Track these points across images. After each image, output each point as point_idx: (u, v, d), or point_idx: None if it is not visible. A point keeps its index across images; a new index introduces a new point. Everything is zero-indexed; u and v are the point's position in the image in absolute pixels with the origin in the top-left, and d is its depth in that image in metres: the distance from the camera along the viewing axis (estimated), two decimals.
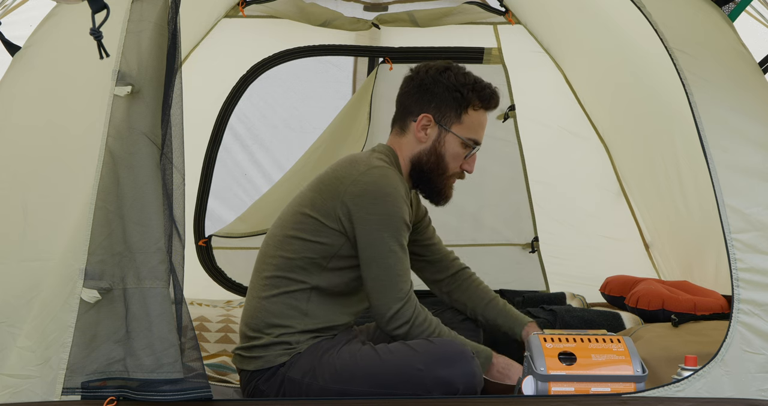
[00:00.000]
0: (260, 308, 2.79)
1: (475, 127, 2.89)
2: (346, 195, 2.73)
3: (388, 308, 2.72)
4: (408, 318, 2.73)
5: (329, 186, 2.79)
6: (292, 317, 2.76)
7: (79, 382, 2.41)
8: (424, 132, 2.87)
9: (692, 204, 3.91)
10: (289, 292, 2.77)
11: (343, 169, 2.81)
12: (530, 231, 4.67)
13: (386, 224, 2.72)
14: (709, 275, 3.74)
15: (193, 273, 4.17)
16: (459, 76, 2.87)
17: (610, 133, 4.60)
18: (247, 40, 4.47)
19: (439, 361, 2.64)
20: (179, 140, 2.49)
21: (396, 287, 2.73)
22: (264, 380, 2.74)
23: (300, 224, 2.79)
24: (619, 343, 2.58)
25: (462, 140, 2.87)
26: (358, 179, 2.74)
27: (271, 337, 2.75)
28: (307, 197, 2.83)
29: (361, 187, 2.73)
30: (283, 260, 2.79)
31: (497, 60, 4.51)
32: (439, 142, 2.87)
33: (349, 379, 2.68)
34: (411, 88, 2.90)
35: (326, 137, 4.39)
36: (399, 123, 2.93)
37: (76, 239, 2.47)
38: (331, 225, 2.75)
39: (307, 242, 2.77)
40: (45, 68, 2.71)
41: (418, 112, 2.87)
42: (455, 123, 2.86)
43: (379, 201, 2.72)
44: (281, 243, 2.81)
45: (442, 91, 2.85)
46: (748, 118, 2.70)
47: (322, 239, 2.76)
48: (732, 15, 3.04)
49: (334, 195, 2.75)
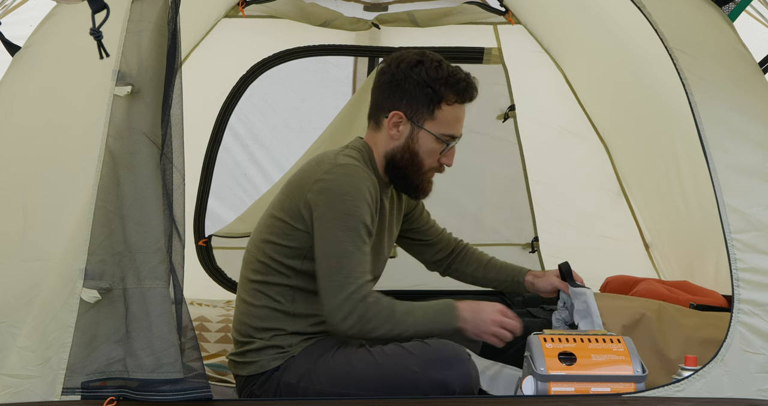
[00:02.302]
0: (247, 313, 2.77)
1: (450, 122, 2.79)
2: (309, 193, 2.68)
3: (338, 309, 2.60)
4: (357, 318, 2.60)
5: (295, 186, 2.75)
6: (280, 320, 2.74)
7: (79, 382, 2.40)
8: (396, 129, 2.79)
9: (692, 204, 3.91)
10: (271, 295, 2.75)
11: (309, 168, 2.77)
12: (530, 231, 4.67)
13: (343, 224, 2.63)
14: (709, 275, 3.74)
15: (193, 273, 4.16)
16: (431, 71, 2.75)
17: (610, 133, 4.59)
18: (247, 40, 4.47)
19: (434, 363, 2.61)
20: (179, 140, 2.49)
21: (347, 288, 2.60)
22: (259, 385, 2.72)
23: (271, 228, 2.76)
24: (619, 343, 2.58)
25: (436, 137, 2.79)
26: (321, 178, 2.68)
27: (263, 341, 2.73)
28: (277, 200, 2.80)
29: (321, 185, 2.67)
30: (261, 264, 2.77)
31: (497, 60, 4.51)
32: (412, 140, 2.79)
33: (345, 382, 2.65)
34: (382, 82, 2.81)
35: (326, 137, 4.39)
36: (373, 118, 2.86)
37: (76, 239, 2.47)
38: (298, 226, 2.70)
39: (278, 245, 2.73)
40: (45, 68, 2.71)
41: (389, 109, 2.78)
42: (428, 120, 2.77)
43: (338, 200, 2.64)
44: (258, 248, 2.79)
45: (413, 87, 2.75)
46: (748, 118, 2.71)
47: (291, 242, 2.71)
48: (732, 15, 3.04)
49: (299, 195, 2.71)
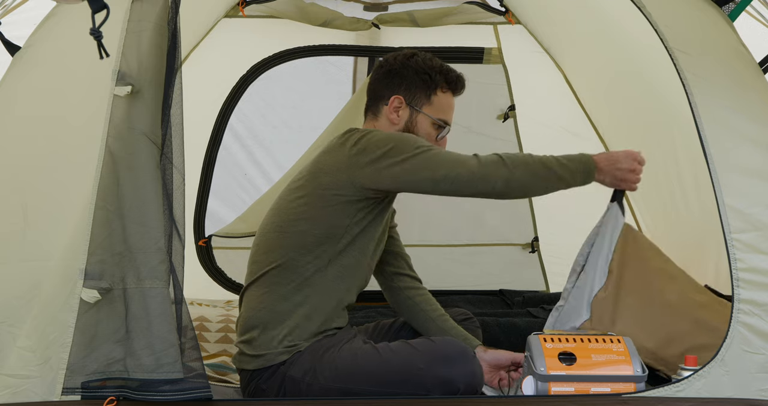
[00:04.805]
0: (259, 308, 2.77)
1: (445, 108, 2.97)
2: (352, 158, 2.75)
3: (469, 168, 2.68)
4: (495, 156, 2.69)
5: (330, 162, 2.81)
6: (292, 310, 2.74)
7: (79, 382, 2.41)
8: (396, 113, 2.94)
9: (692, 204, 3.91)
10: (288, 280, 2.75)
11: (338, 143, 2.85)
12: (530, 231, 4.67)
13: (403, 143, 2.73)
14: (709, 275, 3.73)
15: (193, 273, 4.17)
16: (426, 61, 2.97)
17: (610, 133, 4.59)
18: (247, 40, 4.47)
19: (439, 360, 2.64)
20: (179, 140, 2.49)
21: (454, 157, 2.70)
22: (264, 379, 2.73)
23: (305, 206, 2.79)
24: (619, 343, 2.58)
25: (433, 120, 2.94)
26: (356, 141, 2.78)
27: (274, 335, 2.73)
28: (308, 181, 2.83)
29: (362, 143, 2.77)
30: (289, 245, 2.77)
31: (497, 60, 4.51)
32: (411, 123, 2.94)
33: (349, 378, 2.67)
34: (380, 74, 3.00)
35: (326, 137, 4.37)
36: (371, 109, 3.01)
37: (76, 239, 2.47)
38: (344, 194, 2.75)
39: (316, 221, 2.76)
40: (45, 68, 2.70)
41: (389, 95, 2.95)
42: (425, 104, 2.94)
43: (383, 137, 2.76)
44: (284, 229, 2.80)
45: (412, 74, 2.94)
46: (748, 118, 2.71)
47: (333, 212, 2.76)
48: (732, 15, 3.04)
49: (340, 167, 2.77)
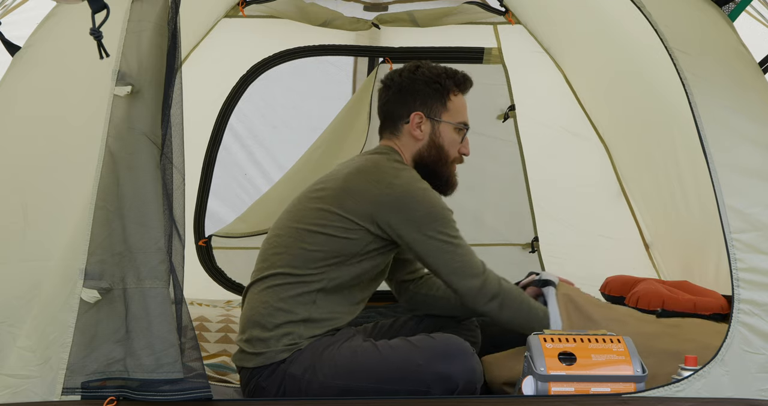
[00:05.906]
0: (263, 307, 2.78)
1: (461, 110, 3.02)
2: (383, 198, 2.79)
3: (470, 287, 2.81)
4: (495, 292, 2.83)
5: (361, 189, 2.82)
6: (295, 321, 2.75)
7: (79, 382, 2.41)
8: (419, 129, 2.97)
9: (692, 204, 3.91)
10: (296, 284, 2.77)
11: (371, 173, 2.86)
12: (530, 231, 4.66)
13: (434, 219, 2.79)
14: (710, 275, 3.74)
15: (193, 273, 4.16)
16: (431, 69, 3.00)
17: (610, 133, 4.59)
18: (247, 40, 4.46)
19: (438, 356, 2.65)
20: (179, 140, 2.49)
21: (469, 267, 2.83)
22: (264, 376, 2.74)
23: (324, 220, 2.81)
24: (619, 343, 2.58)
25: (454, 126, 2.99)
26: (392, 183, 2.81)
27: (276, 333, 2.74)
28: (332, 197, 2.84)
29: (397, 191, 2.80)
30: (303, 251, 2.79)
31: (497, 60, 4.51)
32: (435, 134, 2.98)
33: (349, 375, 2.68)
34: (391, 95, 3.02)
35: (326, 137, 4.39)
36: (389, 130, 3.02)
37: (76, 239, 2.47)
38: (362, 224, 2.79)
39: (333, 237, 2.80)
40: (45, 68, 2.71)
41: (408, 113, 2.98)
42: (443, 112, 2.99)
43: (418, 200, 2.80)
44: (300, 236, 2.82)
45: (423, 86, 2.97)
46: (748, 118, 2.71)
47: (350, 235, 2.79)
48: (732, 15, 3.04)
49: (368, 199, 2.80)
